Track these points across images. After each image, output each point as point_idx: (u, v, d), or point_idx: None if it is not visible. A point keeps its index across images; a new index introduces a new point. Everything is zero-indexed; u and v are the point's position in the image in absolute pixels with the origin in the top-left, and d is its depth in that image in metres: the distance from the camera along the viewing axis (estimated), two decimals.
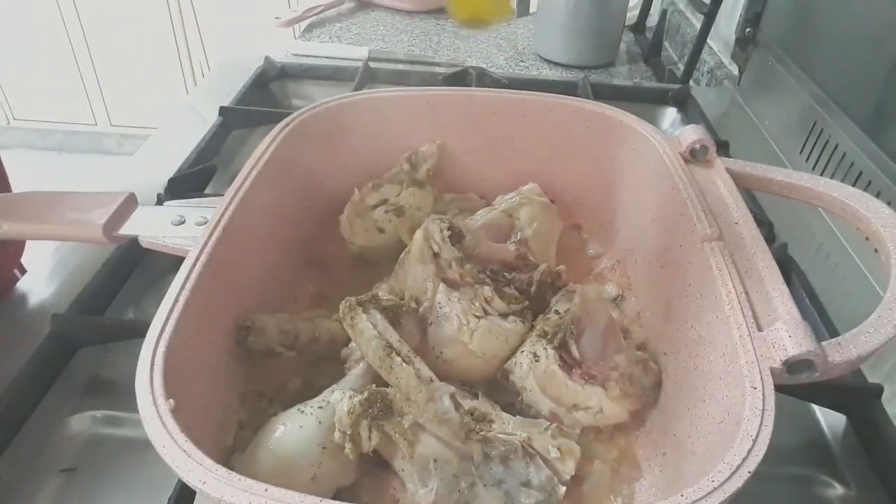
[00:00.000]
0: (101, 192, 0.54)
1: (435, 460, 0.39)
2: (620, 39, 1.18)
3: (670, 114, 0.95)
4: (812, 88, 0.79)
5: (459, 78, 0.94)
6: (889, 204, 0.45)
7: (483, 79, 0.93)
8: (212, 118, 0.82)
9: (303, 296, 0.54)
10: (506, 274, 0.50)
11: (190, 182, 0.68)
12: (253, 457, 0.38)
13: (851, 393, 0.50)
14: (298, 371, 0.47)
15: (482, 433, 0.40)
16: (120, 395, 0.49)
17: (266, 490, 0.29)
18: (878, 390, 0.49)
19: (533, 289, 0.50)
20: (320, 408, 0.40)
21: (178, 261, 0.42)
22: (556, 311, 0.47)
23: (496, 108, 0.60)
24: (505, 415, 0.43)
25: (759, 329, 0.38)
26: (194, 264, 0.41)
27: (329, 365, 0.47)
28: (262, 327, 0.44)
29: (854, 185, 0.54)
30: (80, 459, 0.46)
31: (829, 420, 0.50)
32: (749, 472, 0.31)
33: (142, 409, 0.33)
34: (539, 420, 0.43)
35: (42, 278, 0.60)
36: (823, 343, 0.37)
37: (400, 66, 1.05)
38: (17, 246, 0.69)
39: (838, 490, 0.46)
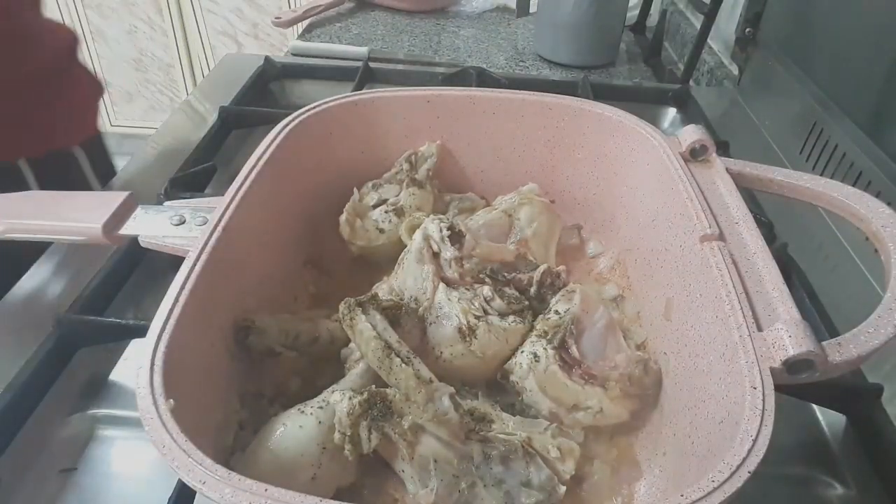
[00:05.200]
0: (101, 192, 0.54)
1: (435, 461, 0.39)
2: (620, 39, 1.18)
3: (670, 114, 0.95)
4: (812, 88, 0.79)
5: (459, 78, 0.94)
6: (889, 204, 0.45)
7: (483, 79, 0.93)
8: (212, 118, 0.82)
9: (303, 296, 0.54)
10: (506, 274, 0.50)
11: (190, 182, 0.68)
12: (253, 457, 0.39)
13: (851, 393, 0.50)
14: (298, 371, 0.47)
15: (482, 433, 0.40)
16: (120, 395, 0.50)
17: (266, 490, 0.29)
18: (878, 390, 0.49)
19: (533, 289, 0.50)
20: (320, 408, 0.40)
21: (178, 261, 0.42)
22: (556, 311, 0.47)
23: (496, 108, 0.60)
24: (505, 415, 0.43)
25: (759, 329, 0.38)
26: (194, 264, 0.41)
27: (329, 365, 0.47)
28: (262, 327, 0.44)
29: (854, 185, 0.54)
30: (80, 459, 0.46)
31: (829, 420, 0.50)
32: (749, 472, 0.31)
33: (142, 409, 0.33)
34: (539, 420, 0.43)
35: (42, 278, 0.60)
36: (823, 343, 0.37)
37: (400, 66, 1.05)
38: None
39: (838, 490, 0.46)
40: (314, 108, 0.58)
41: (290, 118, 0.56)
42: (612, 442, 0.45)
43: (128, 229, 0.49)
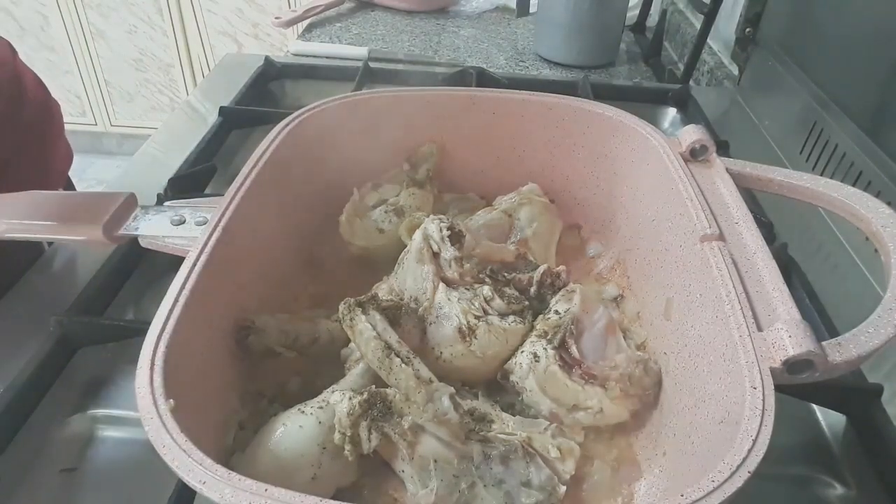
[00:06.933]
0: (101, 192, 0.54)
1: (435, 461, 0.39)
2: (620, 39, 1.18)
3: (670, 114, 0.95)
4: (812, 88, 0.79)
5: (459, 78, 0.94)
6: (889, 204, 0.45)
7: (483, 79, 0.93)
8: (212, 118, 0.82)
9: (303, 296, 0.54)
10: (506, 274, 0.50)
11: (190, 182, 0.68)
12: (253, 457, 0.39)
13: (851, 393, 0.50)
14: (298, 371, 0.47)
15: (482, 433, 0.40)
16: (120, 395, 0.50)
17: (266, 490, 0.29)
18: (878, 390, 0.49)
19: (533, 289, 0.50)
20: (320, 408, 0.40)
21: (178, 261, 0.42)
22: (556, 311, 0.47)
23: (496, 108, 0.60)
24: (505, 415, 0.43)
25: (759, 329, 0.38)
26: (194, 264, 0.41)
27: (329, 365, 0.47)
28: (262, 327, 0.44)
29: (854, 185, 0.54)
30: (80, 459, 0.46)
31: (829, 420, 0.50)
32: (749, 472, 0.31)
33: (142, 409, 0.33)
34: (539, 420, 0.44)
35: (42, 278, 0.60)
36: (823, 343, 0.37)
37: (400, 66, 1.05)
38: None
39: (838, 490, 0.46)
40: (314, 107, 0.58)
41: (290, 118, 0.56)
42: (612, 442, 0.45)
43: (128, 229, 0.49)
